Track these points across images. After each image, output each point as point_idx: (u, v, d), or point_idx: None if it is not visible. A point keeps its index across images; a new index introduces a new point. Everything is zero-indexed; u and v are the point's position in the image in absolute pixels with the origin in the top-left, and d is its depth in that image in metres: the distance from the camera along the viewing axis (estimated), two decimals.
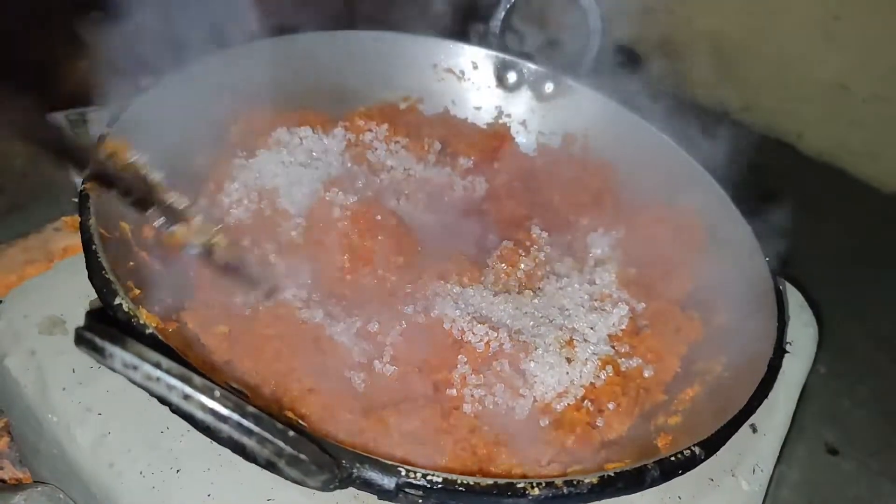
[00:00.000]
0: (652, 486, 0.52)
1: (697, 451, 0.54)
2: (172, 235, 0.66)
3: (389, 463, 0.46)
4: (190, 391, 0.36)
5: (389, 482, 0.46)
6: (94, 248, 0.57)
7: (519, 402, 0.67)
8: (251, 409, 0.37)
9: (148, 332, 0.52)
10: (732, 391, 0.63)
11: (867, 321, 1.34)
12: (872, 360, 1.29)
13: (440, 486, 0.46)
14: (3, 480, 0.76)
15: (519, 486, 0.47)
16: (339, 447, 0.46)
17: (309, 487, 0.43)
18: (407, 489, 0.46)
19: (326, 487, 0.44)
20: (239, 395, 0.39)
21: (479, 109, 1.06)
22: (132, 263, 0.63)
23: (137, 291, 0.59)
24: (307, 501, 0.56)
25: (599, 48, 1.01)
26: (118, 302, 0.53)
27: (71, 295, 0.69)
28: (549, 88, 1.04)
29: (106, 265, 0.56)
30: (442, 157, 0.96)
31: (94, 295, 0.55)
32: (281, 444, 0.38)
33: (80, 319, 0.66)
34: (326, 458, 0.43)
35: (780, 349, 0.66)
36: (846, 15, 1.68)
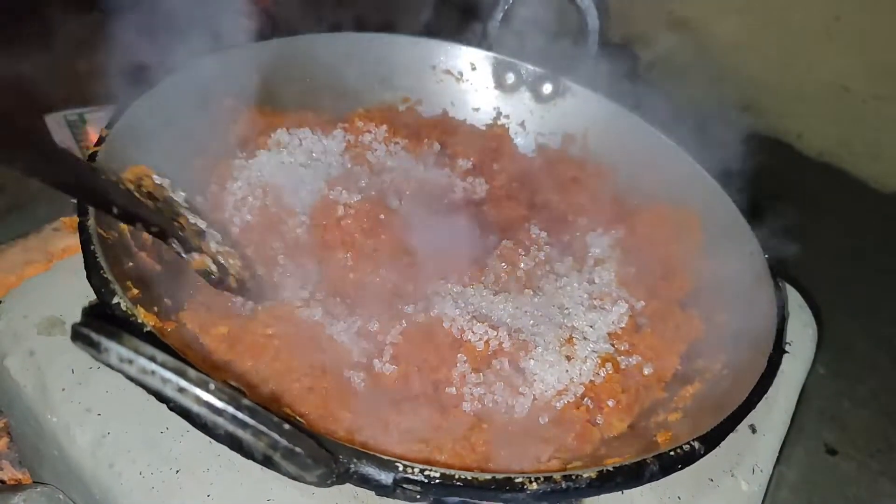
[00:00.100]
0: (651, 480, 0.52)
1: (697, 445, 0.54)
2: (191, 262, 0.67)
3: (387, 458, 0.46)
4: (185, 384, 0.36)
5: (387, 477, 0.46)
6: (92, 248, 0.57)
7: (518, 400, 0.67)
8: (246, 401, 0.37)
9: (146, 330, 0.52)
10: (732, 389, 0.63)
11: (867, 321, 1.34)
12: (872, 360, 1.29)
13: (438, 481, 0.46)
14: (2, 481, 0.76)
15: (517, 480, 0.47)
16: (336, 442, 0.46)
17: (306, 482, 0.43)
18: (405, 484, 0.46)
19: (323, 483, 0.44)
20: (235, 390, 0.39)
21: (477, 110, 1.06)
22: (131, 264, 0.63)
23: (136, 291, 0.59)
24: (306, 501, 0.56)
25: (598, 49, 1.01)
26: (116, 301, 0.53)
27: (70, 295, 0.69)
28: (547, 89, 1.04)
29: (104, 265, 0.55)
30: (441, 158, 0.96)
31: (93, 295, 0.55)
32: (276, 436, 0.38)
33: (78, 319, 0.66)
34: (323, 452, 0.42)
35: (779, 346, 0.66)
36: (847, 15, 1.68)
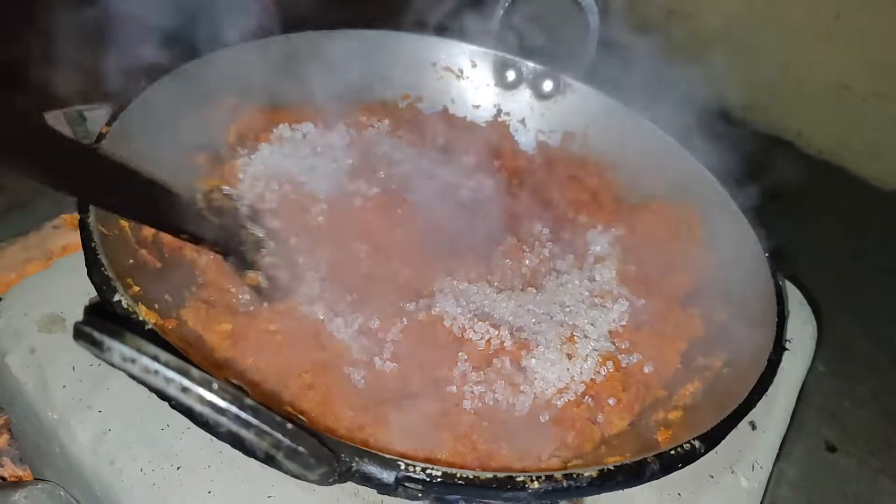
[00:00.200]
0: (652, 479, 0.52)
1: (697, 444, 0.54)
2: (246, 278, 0.69)
3: (389, 457, 0.46)
4: (188, 383, 0.36)
5: (389, 476, 0.46)
6: (93, 245, 0.57)
7: (519, 398, 0.67)
8: (249, 401, 0.37)
9: (147, 328, 0.52)
10: (732, 387, 0.63)
11: (866, 319, 1.34)
12: (872, 358, 1.29)
13: (439, 479, 0.46)
14: (3, 478, 0.76)
15: (518, 479, 0.47)
16: (338, 441, 0.46)
17: (308, 481, 0.43)
18: (406, 483, 0.46)
19: (325, 481, 0.44)
20: (237, 388, 0.39)
21: (477, 108, 1.06)
22: (131, 261, 0.63)
23: (137, 289, 0.59)
24: (307, 498, 0.56)
25: (598, 46, 1.01)
26: (117, 299, 0.53)
27: (70, 292, 0.69)
28: (547, 86, 1.04)
29: (105, 262, 0.55)
30: (444, 153, 0.96)
31: (93, 293, 0.55)
32: (279, 436, 0.38)
33: (79, 317, 0.66)
34: (325, 451, 0.42)
35: (779, 345, 0.66)
36: (847, 14, 1.68)
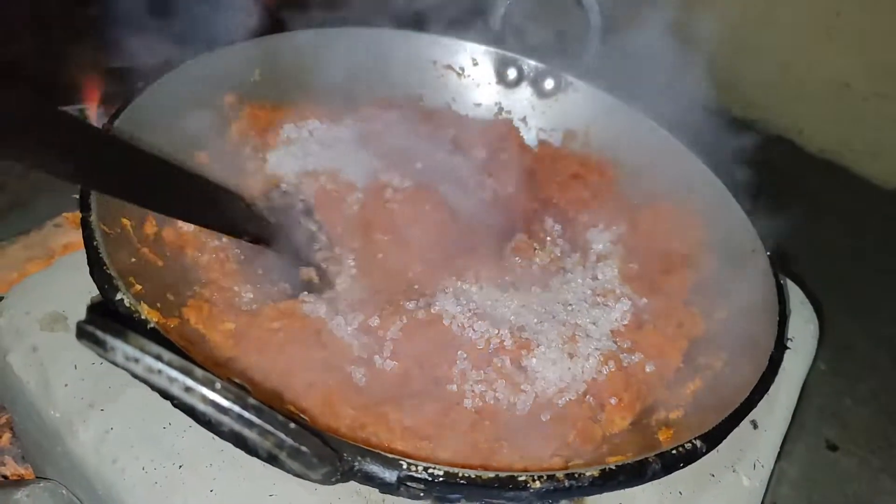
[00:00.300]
0: (653, 478, 0.52)
1: (699, 444, 0.54)
2: (299, 274, 0.74)
3: (391, 456, 0.46)
4: (191, 383, 0.36)
5: (391, 475, 0.46)
6: (95, 243, 0.57)
7: (520, 397, 0.67)
8: (252, 400, 0.37)
9: (149, 326, 0.52)
10: (733, 386, 0.63)
11: (867, 318, 1.34)
12: (873, 357, 1.29)
13: (441, 479, 0.46)
14: (5, 477, 0.76)
15: (520, 478, 0.47)
16: (340, 440, 0.46)
17: (310, 480, 0.43)
18: (408, 482, 0.46)
19: (328, 481, 0.44)
20: (240, 388, 0.39)
21: (478, 106, 1.05)
22: (133, 259, 0.63)
23: (139, 287, 0.59)
24: (309, 496, 0.56)
25: (599, 44, 1.01)
26: (119, 297, 0.53)
27: (72, 291, 0.69)
28: (549, 85, 1.04)
29: (107, 260, 0.55)
30: (455, 147, 0.95)
31: (95, 291, 0.55)
32: (282, 436, 0.38)
33: (81, 315, 0.66)
34: (328, 451, 0.43)
35: (780, 344, 0.66)
36: (847, 12, 1.68)
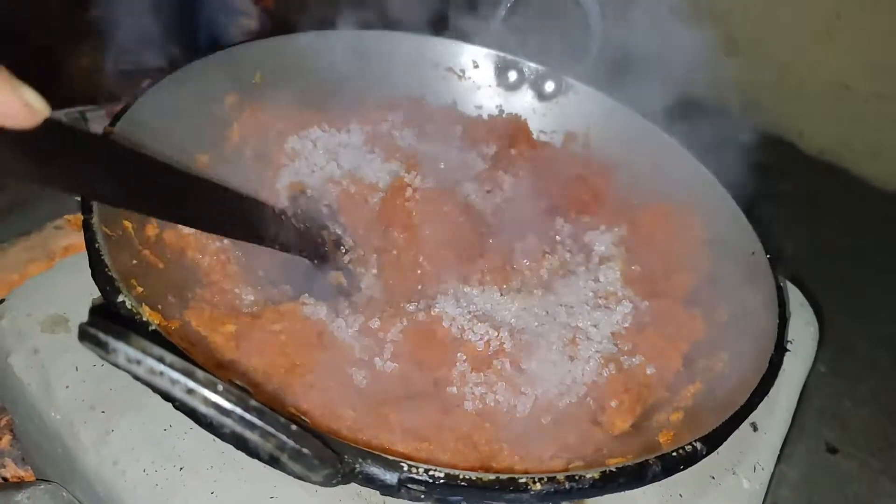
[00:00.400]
0: (654, 480, 0.52)
1: (699, 446, 0.54)
2: (328, 278, 0.76)
3: (392, 458, 0.46)
4: (193, 385, 0.36)
5: (392, 477, 0.46)
6: (97, 245, 0.57)
7: (520, 399, 0.67)
8: (254, 402, 0.37)
9: (151, 329, 0.52)
10: (734, 388, 0.63)
11: (867, 320, 1.34)
12: (873, 359, 1.29)
13: (442, 481, 0.46)
14: (5, 479, 0.76)
15: (521, 480, 0.47)
16: (342, 442, 0.46)
17: (311, 482, 0.43)
18: (409, 484, 0.46)
19: (329, 482, 0.44)
20: (241, 390, 0.39)
21: (479, 108, 1.06)
22: (135, 262, 0.63)
23: (140, 290, 0.59)
24: (310, 498, 0.56)
25: (600, 47, 1.01)
26: (121, 299, 0.53)
27: (73, 293, 0.69)
28: (549, 87, 1.04)
29: (109, 263, 0.56)
30: (464, 143, 0.96)
31: (96, 293, 0.55)
32: (284, 438, 0.38)
33: (82, 317, 0.66)
34: (329, 452, 0.43)
35: (781, 346, 0.66)
36: (847, 13, 1.68)
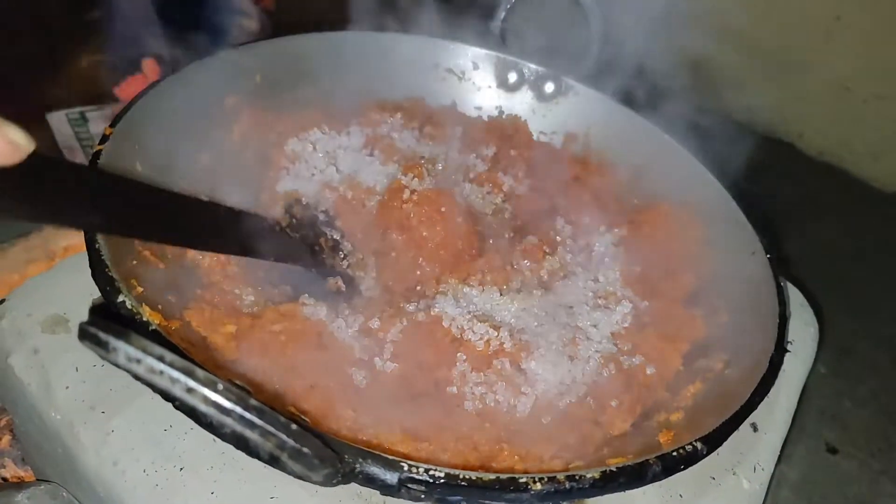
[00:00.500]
0: (654, 480, 0.52)
1: (699, 446, 0.54)
2: (327, 284, 0.76)
3: (392, 458, 0.46)
4: (193, 384, 0.36)
5: (392, 477, 0.46)
6: (97, 245, 0.57)
7: (521, 399, 0.67)
8: (254, 402, 0.37)
9: (151, 328, 0.52)
10: (734, 389, 0.63)
11: (867, 320, 1.34)
12: (872, 359, 1.29)
13: (442, 480, 0.46)
14: (5, 479, 0.76)
15: (521, 480, 0.47)
16: (342, 442, 0.46)
17: (311, 482, 0.43)
18: (409, 484, 0.46)
19: (329, 482, 0.44)
20: (242, 390, 0.39)
21: (479, 109, 1.06)
22: (135, 262, 0.63)
23: (140, 290, 0.59)
24: (310, 498, 0.56)
25: (600, 48, 1.01)
26: (121, 300, 0.53)
27: (73, 293, 0.69)
28: (549, 88, 1.04)
29: (109, 263, 0.56)
30: (464, 144, 0.95)
31: (96, 293, 0.55)
32: (284, 437, 0.38)
33: (83, 317, 0.66)
34: (329, 452, 0.43)
35: (781, 346, 0.66)
36: (847, 15, 1.68)
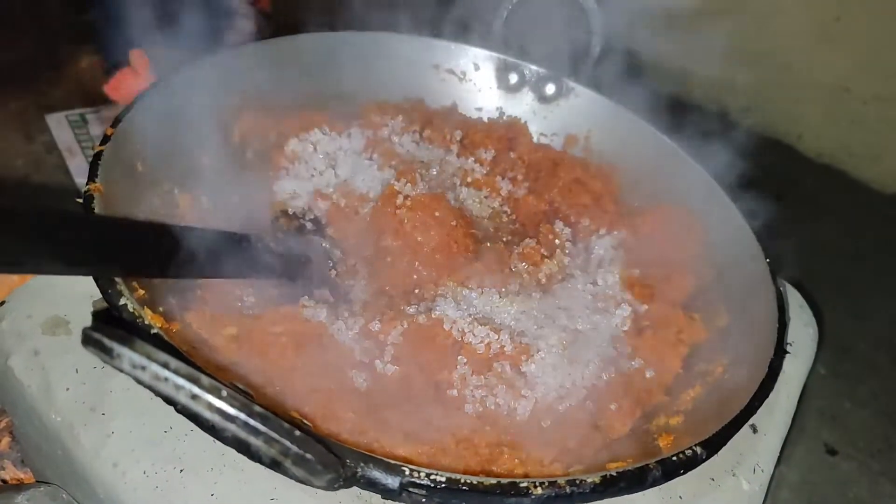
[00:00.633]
0: (654, 485, 0.52)
1: (699, 450, 0.54)
2: (314, 296, 0.74)
3: (394, 462, 0.46)
4: (198, 391, 0.36)
5: (393, 482, 0.46)
6: None
7: (521, 402, 0.67)
8: (258, 408, 0.37)
9: (153, 332, 0.52)
10: (733, 392, 0.63)
11: (867, 322, 1.34)
12: (872, 360, 1.29)
13: (444, 485, 0.46)
14: (4, 481, 0.76)
15: (522, 485, 0.47)
16: (344, 447, 0.46)
17: (314, 487, 0.44)
18: (411, 489, 0.46)
19: (331, 487, 0.44)
20: (244, 395, 0.39)
21: (480, 111, 1.06)
22: None
23: (142, 292, 0.59)
24: (310, 501, 0.56)
25: (601, 50, 1.01)
26: (123, 302, 0.53)
27: (74, 295, 0.69)
28: (550, 90, 1.04)
29: None
30: (463, 147, 0.96)
31: (97, 295, 0.55)
32: (287, 443, 0.38)
33: (83, 319, 0.66)
34: (332, 457, 0.43)
35: (780, 350, 0.66)
36: (847, 16, 1.68)
